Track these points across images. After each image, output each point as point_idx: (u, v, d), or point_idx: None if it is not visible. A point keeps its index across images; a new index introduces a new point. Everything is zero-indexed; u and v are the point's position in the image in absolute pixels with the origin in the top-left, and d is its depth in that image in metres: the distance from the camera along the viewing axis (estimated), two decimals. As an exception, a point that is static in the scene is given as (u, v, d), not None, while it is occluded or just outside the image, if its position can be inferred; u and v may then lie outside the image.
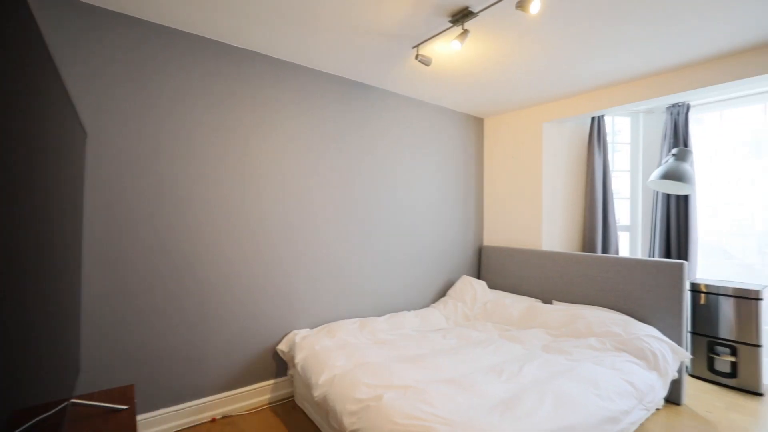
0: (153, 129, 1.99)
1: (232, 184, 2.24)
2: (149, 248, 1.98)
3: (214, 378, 2.19)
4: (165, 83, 2.02)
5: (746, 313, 2.60)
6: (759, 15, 1.85)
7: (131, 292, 1.93)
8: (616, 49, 2.22)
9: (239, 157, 2.27)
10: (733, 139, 3.28)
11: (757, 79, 2.27)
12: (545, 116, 3.26)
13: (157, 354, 2.01)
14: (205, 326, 2.15)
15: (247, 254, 2.29)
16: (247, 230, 2.29)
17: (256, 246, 2.33)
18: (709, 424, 2.18)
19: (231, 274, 2.23)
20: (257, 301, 2.33)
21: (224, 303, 2.21)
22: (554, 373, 1.94)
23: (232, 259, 2.24)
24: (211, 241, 2.17)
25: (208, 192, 2.16)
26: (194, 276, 2.11)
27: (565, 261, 2.99)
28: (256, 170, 2.33)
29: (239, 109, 2.26)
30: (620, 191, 3.52)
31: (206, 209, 2.15)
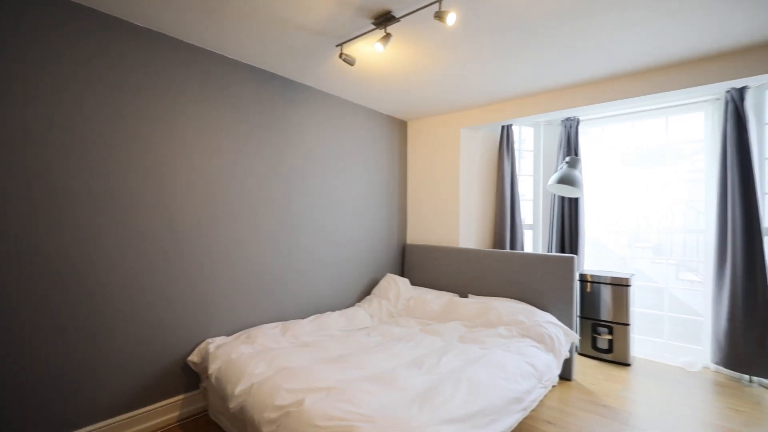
0: (29, 116, 1.67)
1: (132, 178, 1.99)
2: (21, 252, 1.66)
3: (110, 400, 1.92)
4: (49, 61, 1.71)
5: (619, 297, 3.09)
6: (633, 47, 2.21)
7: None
8: (522, 65, 2.47)
9: (142, 148, 2.02)
10: (610, 150, 3.87)
11: (628, 101, 2.70)
12: (463, 122, 3.49)
13: (32, 380, 1.70)
14: (96, 342, 1.88)
15: (151, 258, 2.06)
16: (151, 231, 2.06)
17: (162, 249, 2.10)
18: (592, 393, 2.54)
19: (130, 282, 1.98)
20: (163, 311, 2.11)
21: (121, 314, 1.96)
22: (468, 361, 2.09)
23: (132, 265, 1.99)
24: (107, 245, 1.90)
25: (101, 187, 1.89)
26: (82, 285, 1.83)
27: (479, 257, 3.24)
28: (163, 164, 2.11)
29: (144, 95, 2.02)
30: (525, 194, 3.93)
31: (99, 208, 1.88)
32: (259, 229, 2.56)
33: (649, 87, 2.55)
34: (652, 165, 3.75)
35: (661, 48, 2.21)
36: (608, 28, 1.98)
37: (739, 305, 2.62)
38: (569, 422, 2.17)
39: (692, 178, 3.46)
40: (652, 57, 2.33)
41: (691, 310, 3.35)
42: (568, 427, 2.13)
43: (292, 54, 2.34)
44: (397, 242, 3.76)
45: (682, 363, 3.03)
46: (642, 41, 2.13)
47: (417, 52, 2.29)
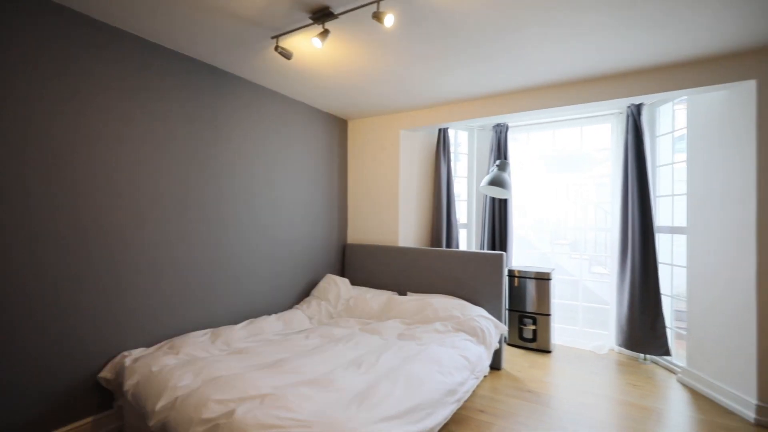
0: None
1: (29, 175, 1.72)
2: None
3: (5, 427, 1.64)
4: None
5: (542, 290, 3.37)
6: (554, 61, 2.42)
7: None
8: (457, 72, 2.58)
9: (39, 140, 1.76)
10: (535, 155, 4.22)
11: (549, 111, 2.95)
12: (402, 123, 3.56)
13: None
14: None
15: (54, 263, 1.80)
16: (53, 233, 1.80)
17: (68, 253, 1.85)
18: (519, 380, 2.74)
19: (28, 290, 1.71)
20: (69, 322, 1.85)
21: (19, 328, 1.68)
22: (406, 358, 2.13)
23: (31, 271, 1.72)
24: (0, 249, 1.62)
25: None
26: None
27: (418, 255, 3.33)
28: (67, 156, 1.85)
29: (40, 78, 1.75)
30: (460, 194, 4.12)
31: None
32: (185, 229, 2.37)
33: (566, 98, 2.81)
34: (569, 169, 4.15)
35: (576, 64, 2.45)
36: (532, 42, 2.15)
37: (636, 294, 3.00)
38: (499, 409, 2.32)
39: (601, 182, 3.90)
40: (569, 72, 2.58)
41: (601, 299, 3.78)
42: (497, 413, 2.27)
43: (224, 43, 2.20)
44: (337, 242, 3.72)
45: (593, 347, 3.40)
46: (561, 57, 2.34)
47: (357, 51, 2.28)
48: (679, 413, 2.30)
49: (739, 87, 2.34)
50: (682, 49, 2.23)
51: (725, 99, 2.45)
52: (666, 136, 3.12)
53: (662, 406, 2.38)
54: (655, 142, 3.19)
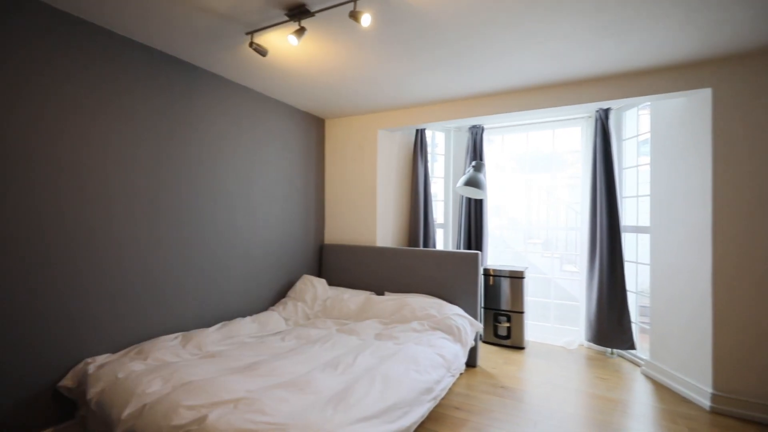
0: None
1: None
2: None
3: (-59, 446, 1.53)
4: None
5: (516, 288, 3.46)
6: (528, 66, 2.48)
7: None
8: (434, 73, 2.60)
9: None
10: (510, 157, 4.32)
11: (523, 113, 3.03)
12: (380, 123, 3.56)
13: None
14: None
15: (8, 267, 1.69)
16: (4, 235, 1.69)
17: (24, 255, 1.74)
18: (494, 377, 2.80)
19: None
20: (26, 329, 1.75)
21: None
22: (383, 357, 2.14)
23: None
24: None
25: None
26: None
27: (396, 255, 3.34)
28: (23, 153, 1.75)
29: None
30: (437, 194, 4.17)
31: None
32: (155, 229, 2.28)
33: (538, 102, 2.90)
34: (542, 171, 4.28)
35: (547, 69, 2.53)
36: (506, 46, 2.20)
37: (604, 291, 3.13)
38: (474, 405, 2.36)
39: (572, 183, 4.04)
40: (541, 76, 2.65)
41: (571, 296, 3.91)
42: (472, 410, 2.31)
43: (197, 38, 2.13)
44: (314, 242, 3.69)
45: (563, 343, 3.52)
46: (533, 62, 2.41)
47: (334, 49, 2.26)
48: (642, 404, 2.42)
49: (696, 94, 2.48)
50: (645, 58, 2.34)
51: (685, 105, 2.59)
52: (631, 139, 3.27)
53: (627, 398, 2.49)
54: (622, 145, 3.33)
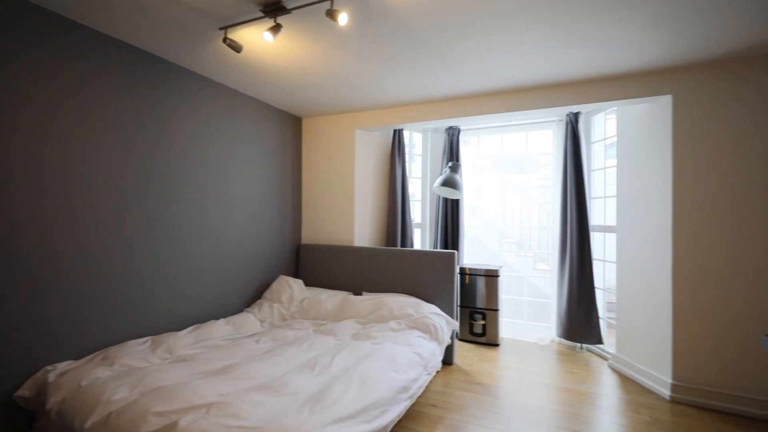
0: None
1: None
2: None
3: None
4: None
5: (491, 287, 3.53)
6: (502, 69, 2.54)
7: None
8: (411, 75, 2.62)
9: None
10: (485, 158, 4.41)
11: (497, 116, 3.10)
12: (358, 123, 3.55)
13: None
14: None
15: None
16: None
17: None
18: (469, 374, 2.85)
19: None
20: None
21: None
22: (361, 357, 2.14)
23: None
24: None
25: None
26: None
27: (373, 255, 3.34)
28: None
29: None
30: (415, 194, 4.21)
31: None
32: (122, 230, 2.18)
33: (512, 105, 2.97)
34: (516, 172, 4.39)
35: (520, 73, 2.60)
36: (481, 50, 2.24)
37: (574, 288, 3.25)
38: (450, 402, 2.40)
39: (544, 184, 4.16)
40: (515, 80, 2.72)
41: (543, 294, 4.03)
42: (449, 407, 2.35)
43: (168, 31, 2.06)
44: (290, 242, 3.64)
45: (536, 339, 3.63)
46: (507, 66, 2.47)
47: (311, 48, 2.24)
48: (608, 395, 2.53)
49: (658, 101, 2.61)
50: (611, 65, 2.44)
51: (648, 111, 2.72)
52: (600, 142, 3.41)
53: (595, 390, 2.60)
54: (591, 148, 3.47)
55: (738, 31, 2.00)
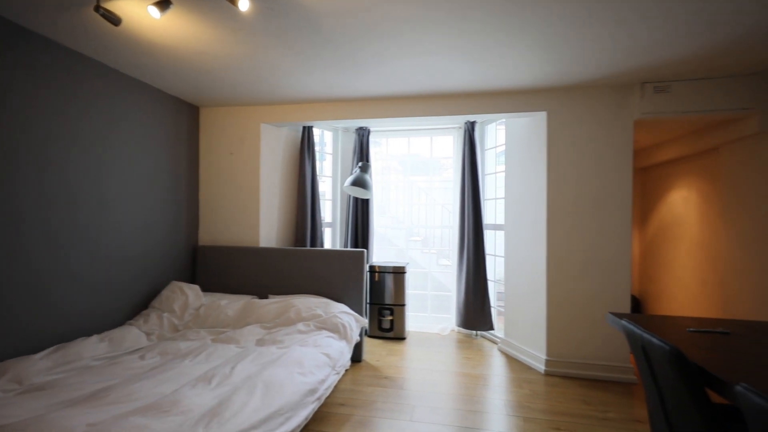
0: None
1: None
2: None
3: None
4: None
5: (398, 283, 3.68)
6: (408, 75, 2.65)
7: None
8: (319, 71, 2.58)
9: None
10: (393, 159, 4.58)
11: (405, 119, 3.25)
12: (264, 117, 3.37)
13: None
14: None
15: None
16: None
17: None
18: (377, 369, 2.93)
19: None
20: None
21: None
22: (265, 364, 2.03)
23: None
24: None
25: None
26: None
27: (282, 256, 3.21)
28: None
29: None
30: (326, 193, 4.16)
31: None
32: (-55, 232, 1.71)
33: (417, 110, 3.13)
34: (421, 173, 4.65)
35: (424, 81, 2.75)
36: (388, 54, 2.31)
37: (470, 281, 3.57)
38: (358, 399, 2.43)
39: (446, 185, 4.50)
40: (419, 87, 2.88)
41: (446, 287, 4.35)
42: (356, 404, 2.38)
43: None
44: (185, 244, 3.28)
45: (438, 330, 3.90)
46: (411, 73, 2.59)
47: (210, 32, 2.05)
48: (497, 375, 2.84)
49: (536, 116, 3.02)
50: (499, 82, 2.75)
51: (529, 124, 3.13)
52: (492, 150, 3.81)
53: (486, 372, 2.89)
54: (485, 154, 3.85)
55: (598, 62, 2.42)
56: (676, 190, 3.71)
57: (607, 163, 2.84)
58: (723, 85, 2.56)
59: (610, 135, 2.83)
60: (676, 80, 2.63)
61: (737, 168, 2.78)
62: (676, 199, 3.71)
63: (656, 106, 2.65)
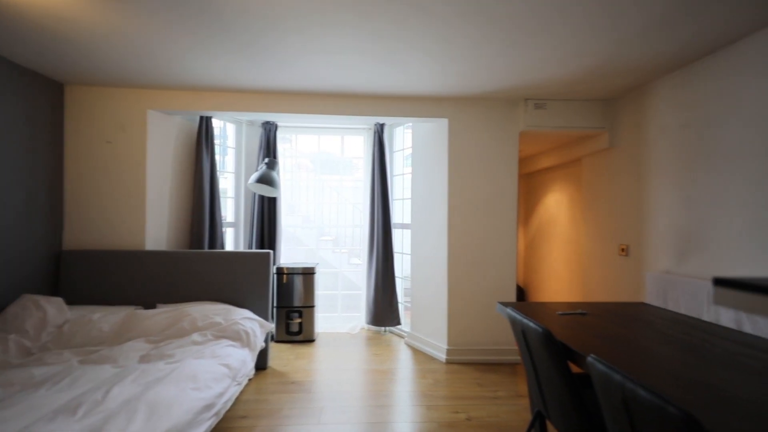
0: None
1: None
2: None
3: None
4: None
5: (308, 284, 3.59)
6: (317, 72, 2.59)
7: None
8: (217, 57, 2.36)
9: None
10: (303, 156, 4.45)
11: (314, 117, 3.17)
12: (151, 103, 2.97)
13: None
14: None
15: None
16: None
17: None
18: (284, 375, 2.81)
19: None
20: None
21: None
22: (151, 382, 1.79)
23: None
24: None
25: None
26: None
27: (173, 260, 2.87)
28: None
29: None
30: (227, 190, 3.85)
31: None
32: None
33: (326, 108, 3.09)
34: (332, 172, 4.61)
35: (332, 79, 2.73)
36: (294, 48, 2.23)
37: (380, 278, 3.66)
38: (262, 409, 2.30)
39: (357, 185, 4.53)
40: (332, 85, 2.84)
41: (356, 286, 4.39)
42: (261, 414, 2.24)
43: None
44: (44, 250, 2.71)
45: (348, 329, 3.91)
46: (319, 70, 2.54)
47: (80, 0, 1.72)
48: (404, 368, 2.96)
49: (439, 122, 3.23)
50: (406, 87, 2.86)
51: (434, 129, 3.33)
52: (400, 152, 3.96)
53: (394, 366, 3.00)
54: (393, 156, 3.99)
55: (491, 77, 2.67)
56: (551, 193, 4.33)
57: (498, 168, 3.17)
58: (584, 106, 3.07)
59: (501, 143, 3.17)
60: (551, 99, 3.06)
61: (593, 176, 3.36)
62: (551, 202, 4.33)
63: (536, 120, 3.05)
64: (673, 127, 2.45)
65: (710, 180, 2.18)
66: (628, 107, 2.89)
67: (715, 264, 2.13)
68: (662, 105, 2.55)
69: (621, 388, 0.88)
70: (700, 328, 1.62)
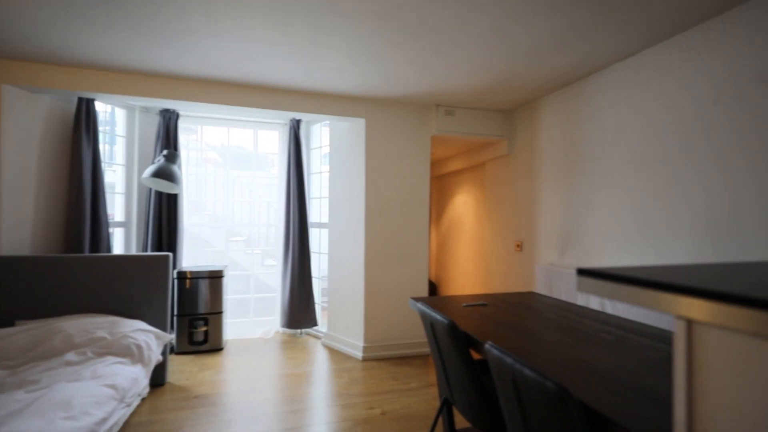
0: None
1: None
2: None
3: None
4: None
5: (215, 289, 3.32)
6: (223, 58, 2.39)
7: None
8: (103, 31, 2.04)
9: None
10: (210, 150, 4.10)
11: (223, 107, 2.94)
12: (7, 76, 2.44)
13: None
14: None
15: None
16: None
17: None
18: (185, 389, 2.55)
19: None
20: None
21: None
22: (5, 417, 1.47)
23: None
24: None
25: None
26: None
27: (39, 266, 2.40)
28: None
29: None
30: (116, 185, 3.35)
31: None
32: None
33: (237, 99, 2.89)
34: (244, 168, 4.33)
35: (242, 69, 2.56)
36: (198, 31, 2.04)
37: (296, 279, 3.55)
38: (159, 429, 2.05)
39: (271, 182, 4.33)
40: (241, 74, 2.66)
41: (271, 288, 4.18)
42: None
43: None
44: None
45: (261, 333, 3.71)
46: (227, 56, 2.36)
47: None
48: (320, 370, 2.92)
49: (356, 121, 3.25)
50: (323, 84, 2.82)
51: (351, 128, 3.34)
52: (317, 150, 3.89)
53: (310, 369, 2.93)
54: (310, 153, 3.89)
55: (406, 82, 2.76)
56: (460, 195, 4.67)
57: (412, 169, 3.31)
58: (488, 115, 3.37)
59: (415, 146, 3.31)
60: (460, 107, 3.30)
61: (495, 179, 3.71)
62: (459, 202, 4.67)
63: (446, 125, 3.26)
64: (556, 138, 2.84)
65: (582, 185, 2.57)
66: (523, 119, 3.25)
67: (587, 256, 2.52)
68: (548, 118, 2.93)
69: (511, 370, 0.98)
70: (574, 311, 1.89)
